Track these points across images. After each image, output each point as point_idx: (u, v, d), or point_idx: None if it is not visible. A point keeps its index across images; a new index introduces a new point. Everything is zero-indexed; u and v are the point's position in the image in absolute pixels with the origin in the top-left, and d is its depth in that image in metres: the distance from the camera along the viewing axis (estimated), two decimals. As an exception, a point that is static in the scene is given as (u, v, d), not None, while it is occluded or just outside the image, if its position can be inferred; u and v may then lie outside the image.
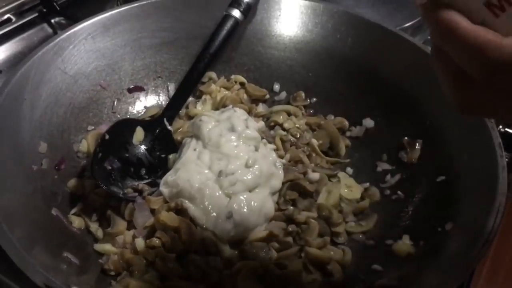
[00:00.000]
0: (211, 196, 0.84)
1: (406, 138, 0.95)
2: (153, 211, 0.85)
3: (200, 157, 0.89)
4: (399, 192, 0.91)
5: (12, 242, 0.66)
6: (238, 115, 0.94)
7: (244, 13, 1.02)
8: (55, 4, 1.29)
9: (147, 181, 0.91)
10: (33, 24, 1.30)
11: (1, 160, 0.78)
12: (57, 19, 1.32)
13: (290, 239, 0.85)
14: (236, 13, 1.02)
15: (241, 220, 0.83)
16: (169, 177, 0.88)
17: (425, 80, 0.95)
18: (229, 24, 1.02)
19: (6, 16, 1.28)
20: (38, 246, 0.71)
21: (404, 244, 0.82)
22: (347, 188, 0.94)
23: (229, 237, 0.83)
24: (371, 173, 0.97)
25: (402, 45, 0.99)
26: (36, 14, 1.31)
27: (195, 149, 0.91)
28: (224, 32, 1.02)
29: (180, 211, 0.84)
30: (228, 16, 1.02)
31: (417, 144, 0.93)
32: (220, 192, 0.85)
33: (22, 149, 0.84)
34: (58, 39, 0.95)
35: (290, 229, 0.85)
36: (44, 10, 1.32)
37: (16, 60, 1.17)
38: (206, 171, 0.87)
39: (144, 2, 1.04)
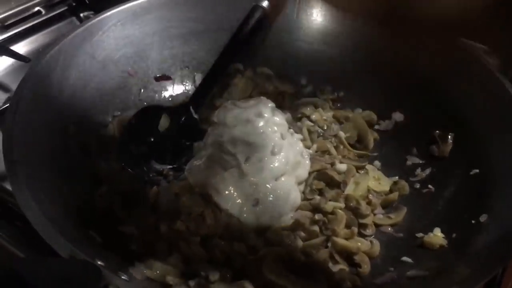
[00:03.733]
0: (236, 183, 0.83)
1: (437, 131, 0.92)
2: (177, 195, 0.83)
3: (226, 144, 0.88)
4: (429, 186, 0.89)
5: (40, 217, 0.65)
6: (265, 102, 0.93)
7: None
8: (84, -2, 1.31)
9: (171, 166, 0.91)
10: (62, 17, 1.32)
11: (31, 140, 0.77)
12: (86, 13, 1.33)
13: (316, 228, 0.82)
14: (265, 3, 1.01)
15: (267, 208, 0.82)
16: (194, 162, 0.87)
17: (457, 73, 0.93)
18: (257, 15, 1.01)
19: (36, 9, 1.30)
20: (65, 223, 0.70)
21: (436, 236, 0.79)
22: (375, 180, 0.92)
23: (255, 225, 0.82)
24: (400, 166, 0.95)
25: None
26: (65, 8, 1.33)
27: (221, 136, 0.90)
28: (252, 23, 1.01)
29: (205, 196, 0.83)
30: (256, 6, 1.01)
31: (449, 137, 0.91)
32: (246, 179, 0.83)
33: (50, 131, 0.83)
34: (87, 25, 0.95)
35: (316, 217, 0.83)
36: (74, 3, 1.34)
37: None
38: (232, 158, 0.86)
39: (174, -9, 1.05)
